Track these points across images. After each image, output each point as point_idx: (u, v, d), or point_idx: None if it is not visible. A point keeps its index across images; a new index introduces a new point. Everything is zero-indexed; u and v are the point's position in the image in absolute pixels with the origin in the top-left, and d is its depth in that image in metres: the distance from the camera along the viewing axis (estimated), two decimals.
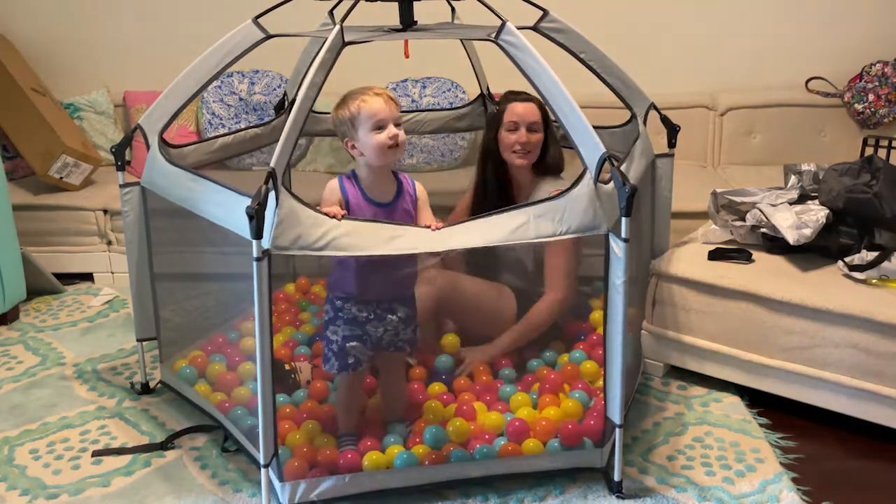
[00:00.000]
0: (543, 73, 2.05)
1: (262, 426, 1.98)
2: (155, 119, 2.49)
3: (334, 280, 2.18)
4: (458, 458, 2.16)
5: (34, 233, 3.56)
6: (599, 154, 1.99)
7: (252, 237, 1.85)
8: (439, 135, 3.80)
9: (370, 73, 3.80)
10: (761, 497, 2.18)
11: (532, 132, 2.65)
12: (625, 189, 1.95)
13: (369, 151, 2.10)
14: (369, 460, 2.13)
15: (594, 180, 2.01)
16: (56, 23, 4.11)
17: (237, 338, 2.80)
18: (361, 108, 2.07)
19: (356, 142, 2.11)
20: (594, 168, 2.01)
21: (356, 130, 2.09)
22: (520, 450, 2.20)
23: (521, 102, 2.68)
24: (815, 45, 4.04)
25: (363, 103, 2.08)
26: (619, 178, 1.97)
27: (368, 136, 2.08)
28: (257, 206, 1.83)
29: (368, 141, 2.08)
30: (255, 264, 1.87)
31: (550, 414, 2.29)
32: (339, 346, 2.17)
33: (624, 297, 2.01)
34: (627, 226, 1.97)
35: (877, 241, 2.56)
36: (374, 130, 2.07)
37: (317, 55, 2.03)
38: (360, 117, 2.08)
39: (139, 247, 2.57)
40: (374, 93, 2.10)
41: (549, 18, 2.40)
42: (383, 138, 2.07)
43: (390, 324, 2.19)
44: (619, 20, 3.98)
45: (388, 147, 2.08)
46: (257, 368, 1.94)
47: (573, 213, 2.00)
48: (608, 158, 1.99)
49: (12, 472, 2.32)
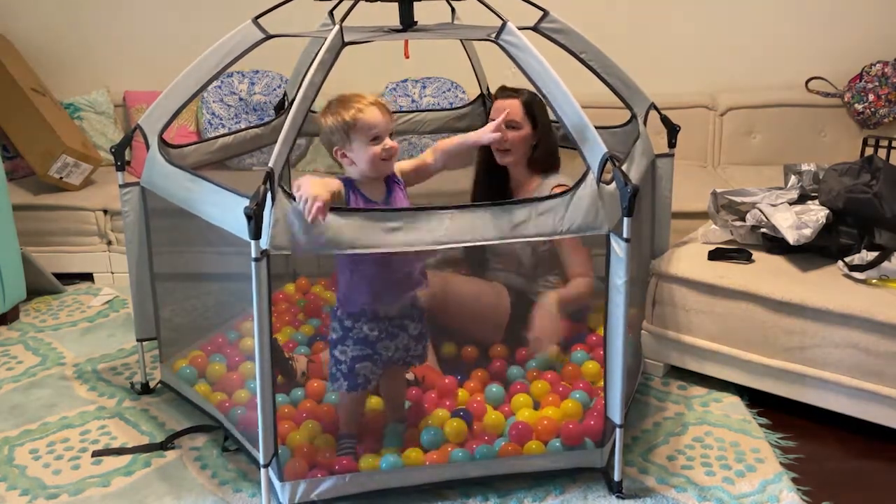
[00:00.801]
0: (545, 73, 2.05)
1: (262, 426, 1.98)
2: (155, 119, 2.49)
3: (344, 295, 2.12)
4: (459, 458, 2.16)
5: (34, 233, 3.56)
6: (601, 154, 2.00)
7: (250, 238, 1.85)
8: (439, 135, 3.80)
9: (370, 73, 3.82)
10: (761, 497, 2.18)
11: (511, 129, 2.63)
12: (627, 189, 1.95)
13: (364, 162, 2.04)
14: (365, 464, 2.14)
15: (597, 180, 2.01)
16: (56, 23, 4.11)
17: (237, 338, 2.80)
18: (358, 119, 2.00)
19: (349, 152, 2.05)
20: (597, 168, 2.01)
21: (350, 141, 2.03)
22: (520, 450, 2.20)
23: (504, 99, 2.68)
24: (815, 45, 4.04)
25: (359, 113, 2.00)
26: (621, 179, 1.97)
27: (364, 148, 2.02)
28: (255, 206, 1.83)
29: (363, 152, 2.02)
30: (253, 265, 1.87)
31: (551, 414, 2.29)
32: (349, 367, 2.13)
33: (625, 297, 2.01)
34: (629, 226, 1.97)
35: (877, 241, 2.56)
36: (370, 142, 2.02)
37: (316, 55, 2.03)
38: (355, 128, 2.01)
39: (139, 247, 2.57)
40: (369, 102, 2.03)
41: (549, 19, 2.40)
42: (379, 150, 2.02)
43: (402, 341, 2.16)
44: (619, 20, 3.99)
45: (383, 159, 2.04)
46: (256, 368, 1.94)
47: (575, 213, 2.00)
48: (610, 158, 2.00)
49: (12, 472, 2.32)
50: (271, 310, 1.95)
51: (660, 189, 2.75)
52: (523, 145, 2.67)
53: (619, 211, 1.99)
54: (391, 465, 2.13)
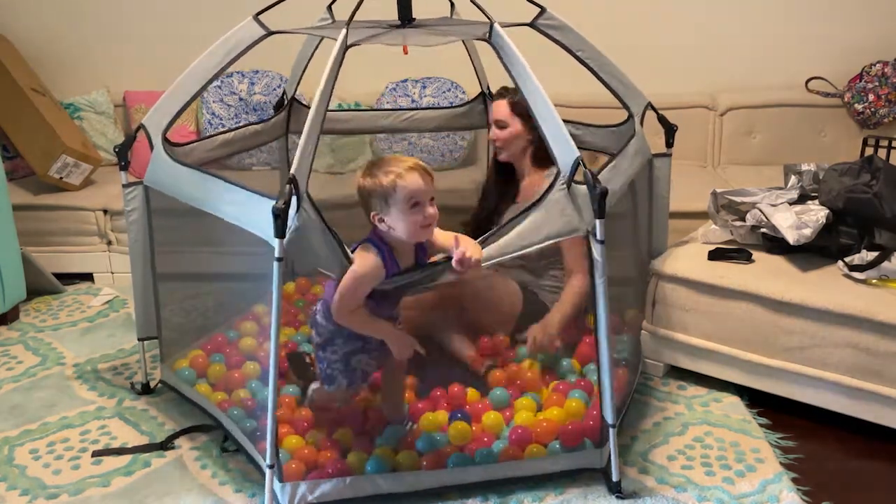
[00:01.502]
0: (525, 74, 2.08)
1: (270, 427, 1.97)
2: (158, 118, 2.48)
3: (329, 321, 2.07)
4: (458, 461, 2.16)
5: (34, 233, 3.56)
6: (573, 157, 2.02)
7: (275, 236, 1.84)
8: (439, 134, 3.80)
9: (370, 73, 3.82)
10: (761, 497, 2.18)
11: (500, 128, 2.77)
12: (596, 191, 1.97)
13: (402, 230, 1.96)
14: (353, 458, 2.13)
15: (567, 183, 2.02)
16: (56, 23, 4.11)
17: (237, 337, 2.79)
18: (398, 185, 1.91)
19: (387, 217, 1.96)
20: (568, 170, 2.02)
21: (389, 206, 1.94)
22: (521, 453, 2.20)
23: (496, 99, 2.82)
24: (815, 45, 4.04)
25: (400, 179, 1.92)
26: (590, 180, 1.99)
27: (403, 215, 1.93)
28: (283, 205, 1.82)
29: (403, 219, 1.94)
30: (275, 264, 1.86)
31: (553, 416, 2.29)
32: (344, 363, 2.11)
33: (604, 296, 2.02)
34: (601, 227, 1.99)
35: (877, 241, 2.56)
36: (410, 209, 1.93)
37: (314, 51, 2.02)
38: (395, 195, 1.92)
39: (142, 246, 2.56)
40: (409, 167, 1.94)
41: (546, 16, 2.41)
42: (420, 218, 1.94)
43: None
44: (618, 20, 3.98)
45: (422, 226, 1.96)
46: (270, 369, 1.94)
47: (550, 219, 2.02)
48: (581, 161, 2.01)
49: (12, 472, 2.32)
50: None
51: (657, 189, 2.75)
52: (515, 142, 2.79)
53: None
54: (376, 469, 2.11)
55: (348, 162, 3.92)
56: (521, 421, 2.29)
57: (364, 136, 3.89)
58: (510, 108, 2.77)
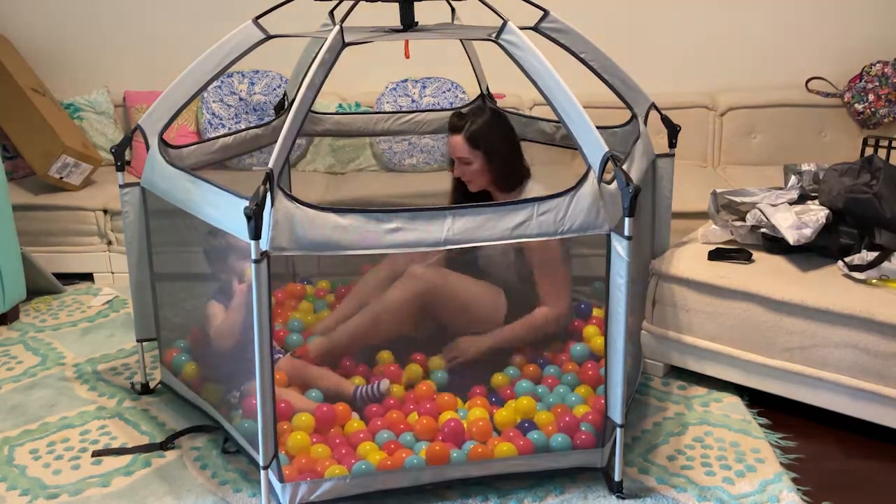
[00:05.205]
0: (545, 72, 2.05)
1: (262, 427, 1.97)
2: (155, 119, 2.48)
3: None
4: (458, 459, 2.16)
5: (34, 233, 3.56)
6: (602, 153, 2.00)
7: (250, 238, 1.85)
8: (439, 135, 3.79)
9: (370, 73, 3.82)
10: (761, 497, 2.18)
11: (465, 164, 2.65)
12: (629, 189, 1.95)
13: None
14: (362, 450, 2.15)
15: (598, 179, 2.01)
16: (56, 23, 4.11)
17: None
18: None
19: None
20: (598, 167, 2.01)
21: None
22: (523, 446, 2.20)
23: (451, 135, 2.65)
24: (815, 45, 4.04)
25: None
26: (622, 179, 1.97)
27: None
28: (255, 206, 1.83)
29: None
30: (253, 266, 1.86)
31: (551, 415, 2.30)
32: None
33: (626, 296, 2.01)
34: (631, 225, 1.97)
35: (877, 241, 2.56)
36: None
37: (316, 55, 2.02)
38: None
39: (139, 247, 2.56)
40: None
41: (549, 19, 2.40)
42: None
43: None
44: (619, 20, 3.98)
45: None
46: (256, 369, 1.94)
47: (576, 212, 2.01)
48: (611, 158, 2.00)
49: (12, 472, 2.32)
50: (272, 311, 1.95)
51: (660, 189, 2.75)
52: (483, 172, 2.65)
53: (620, 210, 1.99)
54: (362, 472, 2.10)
55: (348, 162, 3.92)
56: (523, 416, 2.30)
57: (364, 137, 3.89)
58: (467, 143, 2.62)
